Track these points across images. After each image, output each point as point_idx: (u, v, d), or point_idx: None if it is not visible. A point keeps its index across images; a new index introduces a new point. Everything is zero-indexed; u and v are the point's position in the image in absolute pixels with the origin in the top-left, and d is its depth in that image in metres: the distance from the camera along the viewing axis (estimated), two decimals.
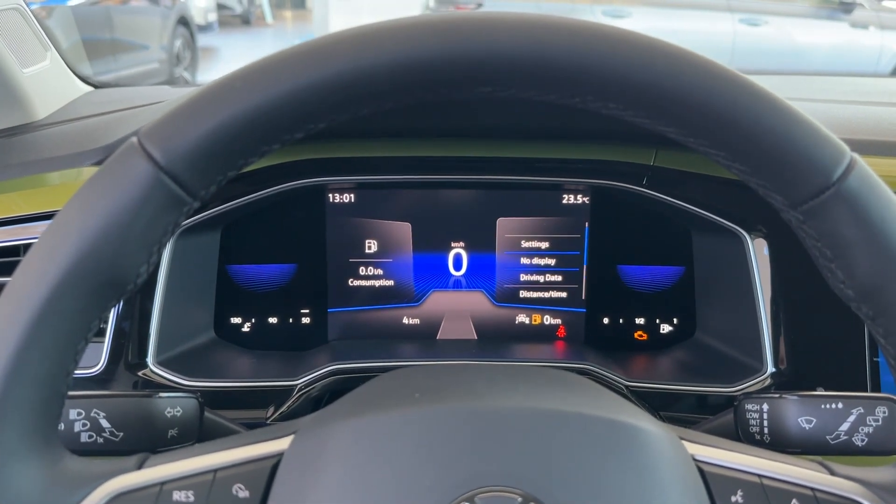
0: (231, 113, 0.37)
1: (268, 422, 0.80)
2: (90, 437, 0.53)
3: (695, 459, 0.42)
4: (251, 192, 0.81)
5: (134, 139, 0.38)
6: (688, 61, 0.38)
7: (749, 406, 0.58)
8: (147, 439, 0.54)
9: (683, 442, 0.42)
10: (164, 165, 0.37)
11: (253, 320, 0.89)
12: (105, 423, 0.53)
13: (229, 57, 9.37)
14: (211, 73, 8.09)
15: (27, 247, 0.81)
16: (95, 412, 0.53)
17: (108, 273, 0.38)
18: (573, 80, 0.38)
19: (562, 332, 0.92)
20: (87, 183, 0.38)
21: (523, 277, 0.90)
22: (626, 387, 0.80)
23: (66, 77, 1.11)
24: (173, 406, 0.56)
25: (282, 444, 0.41)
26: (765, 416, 0.57)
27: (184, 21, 6.37)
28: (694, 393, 0.80)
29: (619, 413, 0.42)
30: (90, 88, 1.21)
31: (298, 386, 0.80)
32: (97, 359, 0.81)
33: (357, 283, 0.90)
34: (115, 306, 0.41)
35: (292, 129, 0.38)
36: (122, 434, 0.53)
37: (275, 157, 0.84)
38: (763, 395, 0.57)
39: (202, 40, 7.74)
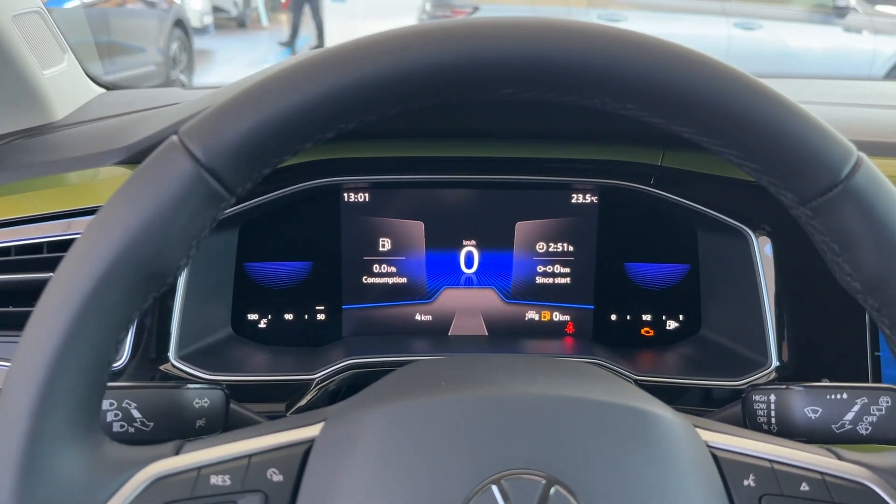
0: (269, 112, 0.38)
1: (287, 414, 0.81)
2: (122, 426, 0.54)
3: (708, 446, 0.43)
4: (269, 191, 0.82)
5: (174, 137, 0.39)
6: (704, 64, 0.39)
7: (756, 397, 0.58)
8: (176, 429, 0.55)
9: (697, 429, 0.43)
10: (204, 162, 0.38)
11: (269, 317, 0.90)
12: (136, 414, 0.54)
13: (225, 59, 9.34)
14: (207, 75, 8.07)
15: (49, 245, 0.82)
16: (127, 402, 0.54)
17: (151, 266, 0.39)
18: (594, 83, 0.39)
19: (570, 329, 0.92)
20: (130, 179, 0.39)
21: (533, 275, 0.91)
22: (635, 380, 0.80)
23: (81, 79, 1.13)
24: (201, 397, 0.57)
25: (313, 431, 0.42)
26: (772, 406, 0.57)
27: (180, 24, 6.35)
28: (700, 387, 0.81)
29: (636, 400, 0.43)
30: (102, 90, 1.22)
31: (316, 380, 0.80)
32: (121, 353, 0.82)
33: (371, 280, 0.90)
34: (155, 298, 0.43)
35: (326, 128, 0.40)
36: (152, 424, 0.54)
37: (292, 159, 0.85)
38: (770, 387, 0.58)
39: (198, 43, 7.72)
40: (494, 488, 0.37)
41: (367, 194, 0.88)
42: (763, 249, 0.82)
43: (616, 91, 0.39)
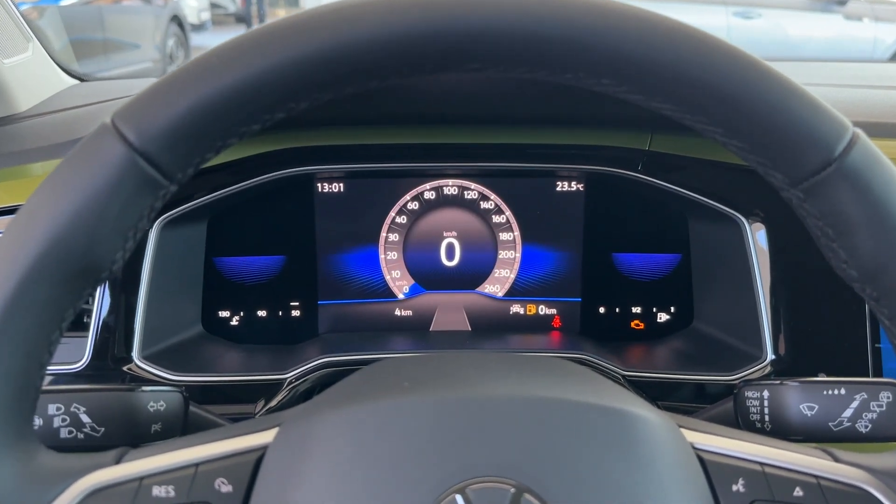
0: (208, 91, 0.35)
1: (256, 416, 0.78)
2: (70, 432, 0.51)
3: (694, 447, 0.40)
4: (237, 181, 0.79)
5: (107, 119, 0.36)
6: (683, 34, 0.36)
7: (749, 393, 0.56)
8: (129, 434, 0.52)
9: (682, 430, 0.40)
10: (138, 146, 0.35)
11: (241, 314, 0.87)
12: (85, 418, 0.51)
13: None
14: None
15: None
16: (76, 407, 0.51)
17: (82, 261, 0.36)
18: (565, 56, 0.35)
19: (557, 323, 0.90)
20: (59, 166, 0.36)
21: (517, 267, 0.89)
22: (623, 376, 0.78)
23: (49, 69, 1.08)
24: (156, 400, 0.54)
25: (266, 437, 0.40)
26: (765, 403, 0.55)
27: (177, 20, 6.32)
28: (692, 382, 0.78)
29: (614, 400, 0.40)
30: (75, 81, 1.18)
31: (288, 379, 0.77)
32: (81, 354, 0.78)
33: (347, 274, 0.88)
34: (90, 295, 0.39)
35: (272, 109, 0.36)
36: (103, 429, 0.51)
37: (261, 145, 0.80)
38: (763, 382, 0.55)
39: (195, 39, 7.68)
40: (459, 498, 0.34)
41: (341, 184, 0.85)
42: (756, 237, 0.79)
43: (589, 64, 0.36)
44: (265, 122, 0.37)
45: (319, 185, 0.85)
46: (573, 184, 0.86)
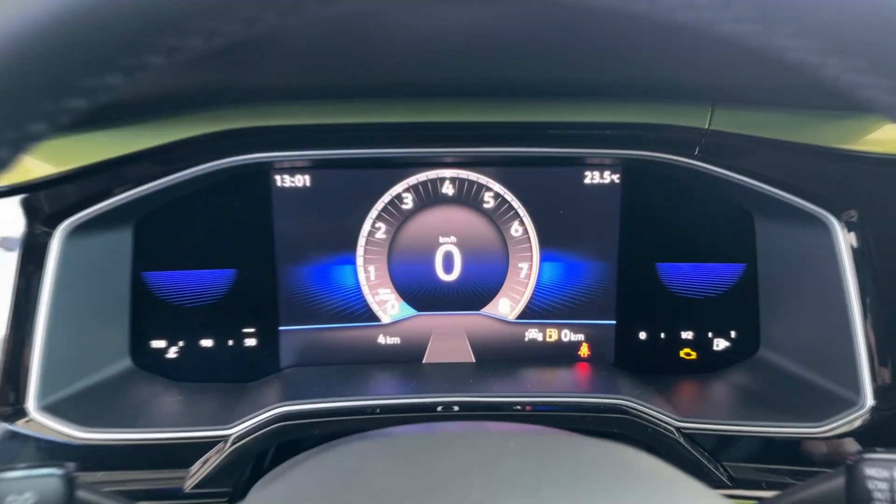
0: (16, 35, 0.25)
1: (186, 489, 0.63)
2: None
3: None
4: (168, 172, 0.67)
5: None
6: None
7: (871, 471, 0.44)
8: None
9: None
10: None
11: (180, 344, 0.75)
12: None
13: None
14: None
15: None
16: None
17: None
18: None
19: (585, 352, 0.78)
20: None
21: (534, 280, 0.77)
22: (678, 429, 0.67)
23: None
24: (21, 490, 0.41)
25: None
26: None
27: None
28: (765, 436, 0.66)
29: None
30: None
31: (233, 436, 0.65)
32: None
33: (316, 292, 0.76)
34: None
35: (109, 63, 0.26)
36: None
37: (199, 124, 0.67)
38: (893, 457, 0.43)
39: None
40: None
41: (306, 176, 0.73)
42: (850, 242, 0.67)
43: None
44: (107, 87, 0.26)
45: (278, 177, 0.73)
46: (607, 174, 0.74)
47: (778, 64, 0.29)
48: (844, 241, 0.66)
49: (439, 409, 0.66)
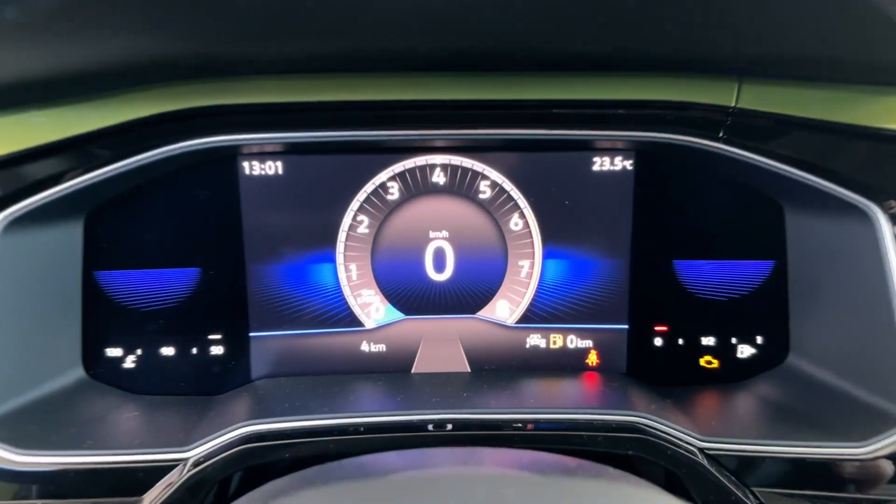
0: None
1: None
2: None
3: None
4: (121, 157, 0.62)
5: None
6: None
7: None
8: None
9: None
10: None
11: (139, 352, 0.71)
12: None
13: None
14: None
15: None
16: None
17: None
18: None
19: (594, 360, 0.73)
20: None
21: (536, 280, 0.70)
22: (701, 450, 0.61)
23: None
24: None
25: None
26: None
27: None
28: (798, 458, 0.61)
29: None
30: None
31: (191, 460, 0.58)
32: None
33: (291, 294, 0.70)
34: None
35: None
36: None
37: (155, 103, 0.61)
38: None
39: None
40: None
41: (277, 163, 0.68)
42: (894, 234, 0.62)
43: None
44: None
45: (246, 164, 0.68)
46: (619, 160, 0.69)
47: (815, 30, 0.23)
48: (889, 233, 0.61)
49: (430, 427, 0.60)
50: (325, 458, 0.56)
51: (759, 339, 0.73)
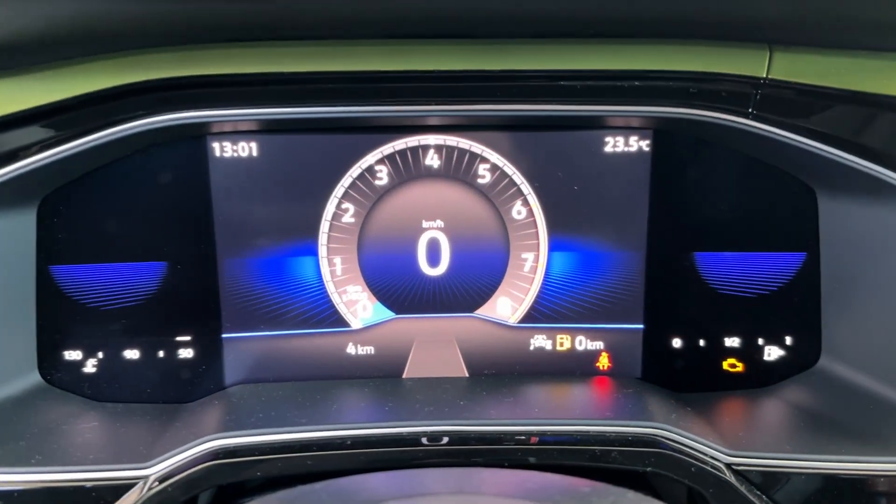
0: None
1: None
2: None
3: None
4: (75, 136, 0.58)
5: None
6: None
7: None
8: None
9: None
10: None
11: (100, 355, 0.67)
12: None
13: None
14: None
15: None
16: None
17: None
18: None
19: (606, 364, 0.71)
20: None
21: (541, 275, 0.69)
22: (728, 465, 0.56)
23: None
24: None
25: None
26: None
27: None
28: (834, 473, 0.56)
29: None
30: None
31: (151, 478, 0.54)
32: None
33: (268, 291, 0.68)
34: None
35: None
36: None
37: (109, 75, 0.57)
38: None
39: None
40: None
41: (251, 143, 0.64)
42: None
43: None
44: None
45: (216, 144, 0.64)
46: (634, 140, 0.66)
47: None
48: None
49: (424, 440, 0.56)
50: (304, 478, 0.52)
51: (788, 340, 0.70)
